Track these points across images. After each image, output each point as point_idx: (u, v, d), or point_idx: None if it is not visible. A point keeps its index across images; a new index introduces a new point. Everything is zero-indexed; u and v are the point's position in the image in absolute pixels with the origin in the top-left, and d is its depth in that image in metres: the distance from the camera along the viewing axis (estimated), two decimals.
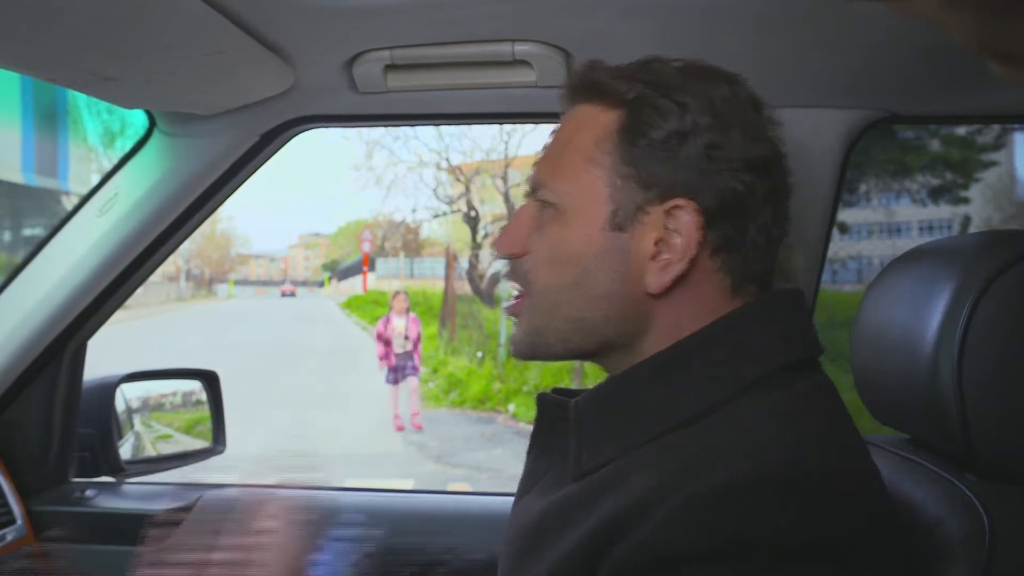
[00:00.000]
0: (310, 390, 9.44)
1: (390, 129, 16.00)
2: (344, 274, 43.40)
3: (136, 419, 1.54)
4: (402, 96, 1.09)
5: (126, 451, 1.43)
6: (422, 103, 1.14)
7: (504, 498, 1.31)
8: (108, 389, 1.39)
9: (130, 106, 1.08)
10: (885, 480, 0.62)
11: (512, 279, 0.72)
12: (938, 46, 0.87)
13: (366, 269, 27.03)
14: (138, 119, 1.20)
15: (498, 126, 16.31)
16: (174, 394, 1.60)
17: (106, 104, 1.04)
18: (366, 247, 25.08)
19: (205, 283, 52.39)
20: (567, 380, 8.72)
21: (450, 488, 5.55)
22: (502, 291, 10.96)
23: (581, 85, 0.70)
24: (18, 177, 15.36)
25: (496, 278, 13.71)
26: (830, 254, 1.25)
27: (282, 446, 6.76)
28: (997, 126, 10.99)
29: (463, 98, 1.12)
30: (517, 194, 16.44)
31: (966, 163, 11.91)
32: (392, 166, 21.42)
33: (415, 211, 36.17)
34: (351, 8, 0.84)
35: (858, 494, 0.57)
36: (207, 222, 1.32)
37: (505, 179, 16.69)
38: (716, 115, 0.64)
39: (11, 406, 1.29)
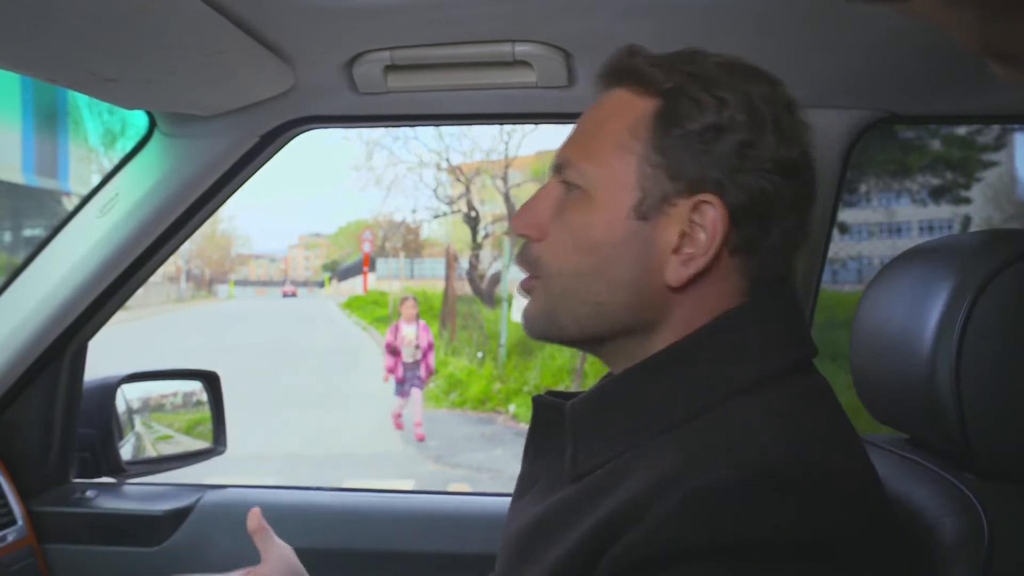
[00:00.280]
0: (310, 390, 9.44)
1: (390, 129, 16.00)
2: (344, 274, 43.38)
3: (136, 420, 1.54)
4: (402, 96, 1.09)
5: (126, 452, 1.43)
6: (422, 103, 1.14)
7: (504, 498, 1.30)
8: (108, 390, 1.39)
9: (130, 107, 1.08)
10: (884, 479, 0.62)
11: (521, 263, 0.70)
12: (938, 46, 0.88)
13: (366, 269, 27.01)
14: (138, 120, 1.20)
15: (498, 126, 16.29)
16: (175, 395, 1.60)
17: (106, 104, 1.04)
18: (366, 247, 25.06)
19: (205, 283, 52.35)
20: (567, 380, 8.72)
21: (450, 488, 5.55)
22: (502, 291, 10.95)
23: (620, 69, 0.69)
24: (18, 177, 15.37)
25: (496, 278, 13.70)
26: (830, 254, 1.25)
27: (282, 446, 6.76)
28: (997, 126, 10.98)
29: (463, 98, 1.12)
30: (517, 194, 16.44)
31: (966, 163, 11.90)
32: (392, 166, 21.36)
33: (415, 211, 36.22)
34: (351, 8, 0.84)
35: (858, 494, 0.57)
36: (207, 222, 1.32)
37: (505, 179, 16.68)
38: (752, 114, 0.63)
39: (11, 407, 1.29)
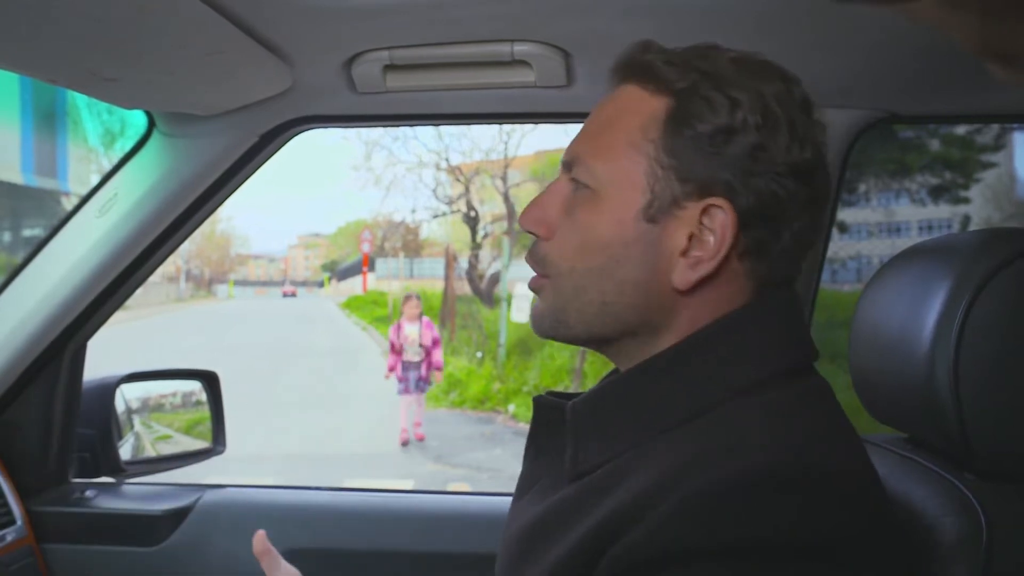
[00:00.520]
0: (310, 390, 9.44)
1: (389, 129, 15.98)
2: (344, 274, 43.35)
3: (136, 419, 1.54)
4: (401, 96, 1.09)
5: (126, 451, 1.43)
6: (421, 103, 1.14)
7: (504, 498, 1.31)
8: (108, 389, 1.39)
9: (130, 106, 1.08)
10: (884, 479, 0.62)
11: (531, 261, 0.70)
12: (938, 46, 0.88)
13: (366, 269, 26.99)
14: (138, 119, 1.20)
15: (498, 126, 16.29)
16: (174, 394, 1.60)
17: (105, 104, 1.04)
18: (366, 247, 25.03)
19: (205, 283, 52.33)
20: (567, 380, 8.73)
21: (450, 488, 5.55)
22: (501, 291, 10.95)
23: (633, 65, 0.67)
24: (18, 177, 15.35)
25: (495, 278, 13.70)
26: (830, 254, 1.25)
27: (282, 446, 6.76)
28: (997, 126, 10.99)
29: (463, 98, 1.12)
30: (517, 194, 16.44)
31: (966, 163, 11.90)
32: (391, 166, 21.34)
33: (414, 211, 36.25)
34: (350, 8, 0.84)
35: (858, 494, 0.57)
36: (207, 222, 1.32)
37: (505, 179, 16.67)
38: (766, 114, 0.62)
39: (11, 406, 1.29)
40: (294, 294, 48.91)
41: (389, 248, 30.05)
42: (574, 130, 0.73)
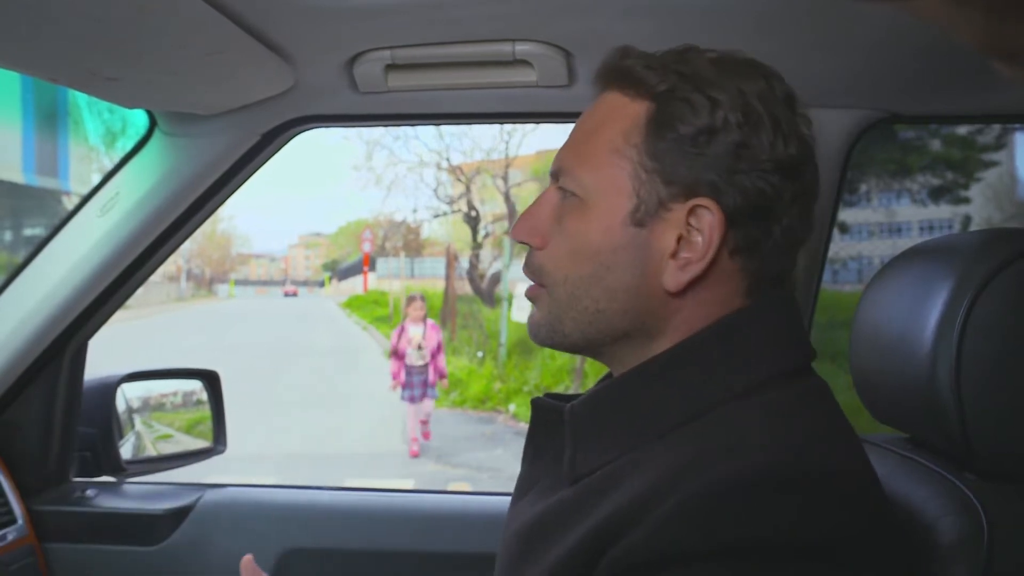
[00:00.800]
0: (311, 390, 9.44)
1: (390, 129, 15.98)
2: (344, 274, 43.36)
3: (137, 419, 1.54)
4: (403, 96, 1.09)
5: (127, 451, 1.43)
6: (422, 103, 1.14)
7: (504, 498, 1.31)
8: (109, 389, 1.39)
9: (131, 106, 1.08)
10: (884, 479, 0.62)
11: (527, 271, 0.71)
12: (938, 46, 0.88)
13: (366, 269, 27.01)
14: (139, 119, 1.20)
15: (498, 126, 16.30)
16: (175, 394, 1.60)
17: (107, 104, 1.04)
18: (366, 247, 25.06)
19: (206, 283, 52.35)
20: (567, 380, 8.73)
21: (450, 488, 5.55)
22: (502, 291, 10.95)
23: (612, 71, 0.68)
24: (19, 177, 15.35)
25: (496, 278, 13.70)
26: (830, 254, 1.25)
27: (282, 445, 6.76)
28: (997, 126, 10.98)
29: (463, 98, 1.12)
30: (518, 194, 16.45)
31: (966, 163, 11.89)
32: (392, 166, 21.41)
33: (415, 211, 36.31)
34: (351, 8, 0.84)
35: (857, 494, 0.57)
36: (208, 222, 1.32)
37: (506, 179, 16.68)
38: (747, 112, 0.62)
39: (12, 406, 1.29)
40: (295, 294, 48.95)
41: (390, 248, 30.08)
42: None
